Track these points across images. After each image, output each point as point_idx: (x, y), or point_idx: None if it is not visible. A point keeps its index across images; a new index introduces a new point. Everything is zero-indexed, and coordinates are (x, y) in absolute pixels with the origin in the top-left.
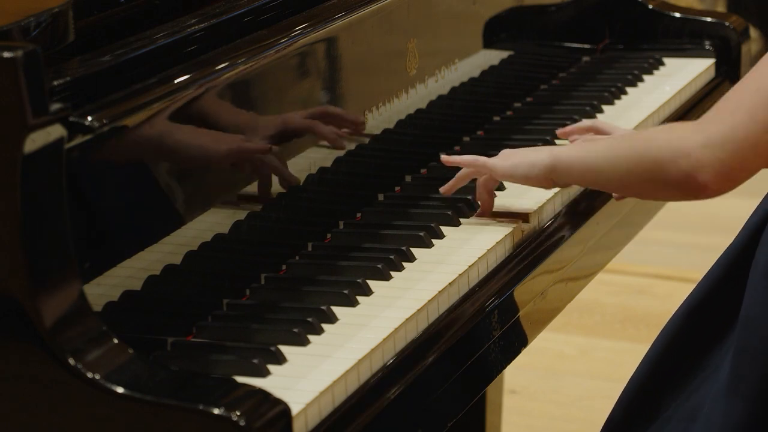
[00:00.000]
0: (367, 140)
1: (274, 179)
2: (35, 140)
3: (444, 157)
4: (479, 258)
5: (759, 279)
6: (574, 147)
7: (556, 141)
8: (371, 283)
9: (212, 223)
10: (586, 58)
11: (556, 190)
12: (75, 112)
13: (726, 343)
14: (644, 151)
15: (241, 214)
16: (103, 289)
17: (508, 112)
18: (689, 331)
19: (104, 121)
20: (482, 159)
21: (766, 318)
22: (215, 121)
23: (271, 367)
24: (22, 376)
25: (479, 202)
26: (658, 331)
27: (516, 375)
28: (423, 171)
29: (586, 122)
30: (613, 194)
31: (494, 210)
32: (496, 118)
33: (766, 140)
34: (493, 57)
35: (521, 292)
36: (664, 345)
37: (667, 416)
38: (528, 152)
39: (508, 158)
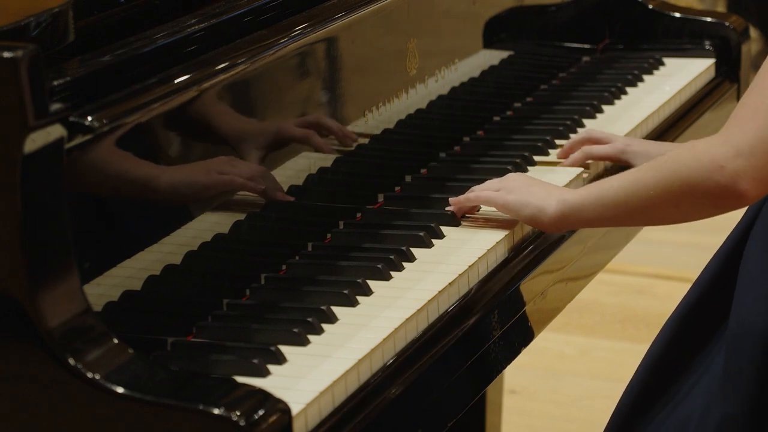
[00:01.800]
0: (367, 140)
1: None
2: (35, 140)
3: (452, 200)
4: (479, 258)
5: (748, 279)
6: (584, 190)
7: (556, 141)
8: (371, 283)
9: (212, 223)
10: (586, 58)
11: (563, 183)
12: (75, 112)
13: (718, 344)
14: (672, 174)
15: (241, 214)
16: (103, 289)
17: (508, 112)
18: (684, 334)
19: (104, 121)
20: (485, 195)
21: (756, 319)
22: (215, 121)
23: (271, 367)
24: (22, 376)
25: (452, 207)
26: (658, 331)
27: (516, 375)
28: (423, 171)
29: (581, 133)
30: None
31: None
32: (496, 118)
33: None
34: (493, 57)
35: (521, 292)
36: (661, 348)
37: (664, 416)
38: (535, 192)
39: (513, 192)
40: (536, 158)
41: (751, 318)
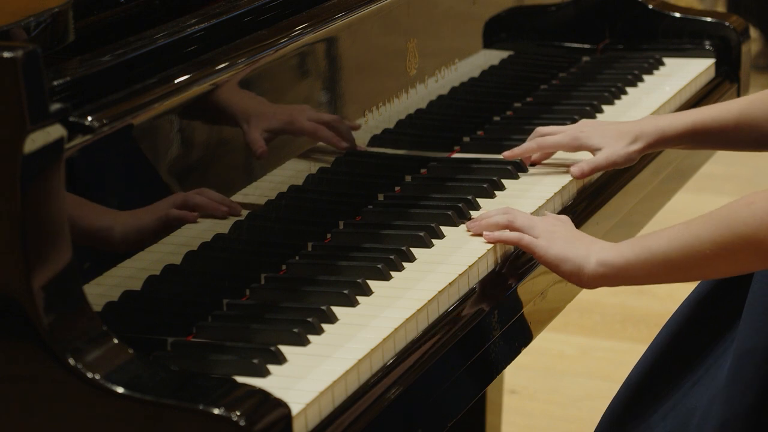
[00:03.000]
0: (367, 140)
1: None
2: (35, 140)
3: (487, 237)
4: (479, 258)
5: (762, 281)
6: (627, 248)
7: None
8: (371, 283)
9: (212, 222)
10: (586, 58)
11: (556, 189)
12: (75, 112)
13: (723, 344)
14: (730, 232)
15: (241, 214)
16: (103, 289)
17: (508, 112)
18: (688, 332)
19: (104, 121)
20: (527, 240)
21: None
22: (214, 121)
23: (271, 367)
24: (22, 376)
25: (487, 234)
26: (658, 331)
27: (516, 375)
28: (423, 171)
29: (533, 134)
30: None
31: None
32: (496, 118)
33: None
34: (493, 57)
35: (521, 292)
36: (662, 345)
37: (662, 413)
38: (576, 246)
39: (554, 241)
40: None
41: (762, 330)
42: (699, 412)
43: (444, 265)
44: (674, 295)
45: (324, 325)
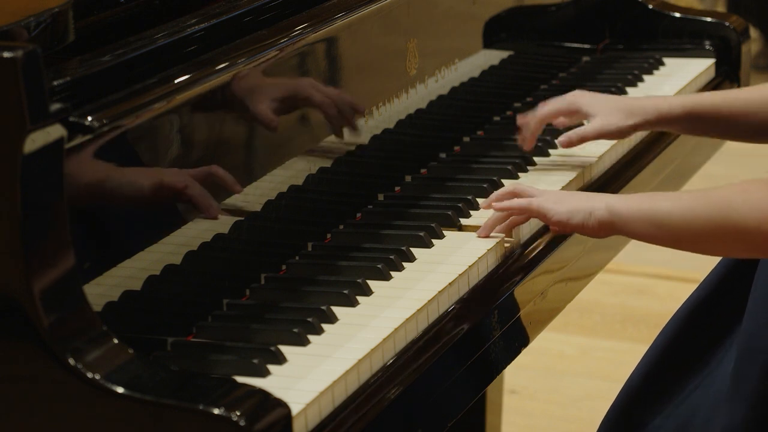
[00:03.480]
0: (367, 140)
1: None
2: (35, 140)
3: (495, 205)
4: (479, 258)
5: (762, 295)
6: (634, 199)
7: (557, 141)
8: (371, 283)
9: (212, 223)
10: (586, 58)
11: (561, 185)
12: (75, 112)
13: (725, 346)
14: (724, 218)
15: (241, 215)
16: (103, 289)
17: (508, 112)
18: (689, 333)
19: (104, 121)
20: (536, 203)
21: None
22: (214, 121)
23: (271, 367)
24: (22, 376)
25: (495, 203)
26: (658, 332)
27: (516, 375)
28: (423, 171)
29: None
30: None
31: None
32: (496, 118)
33: None
34: (493, 57)
35: (521, 292)
36: (663, 346)
37: (666, 414)
38: (582, 199)
39: (562, 203)
40: (536, 159)
41: (763, 335)
42: (701, 415)
43: (444, 265)
44: (674, 295)
45: (324, 325)
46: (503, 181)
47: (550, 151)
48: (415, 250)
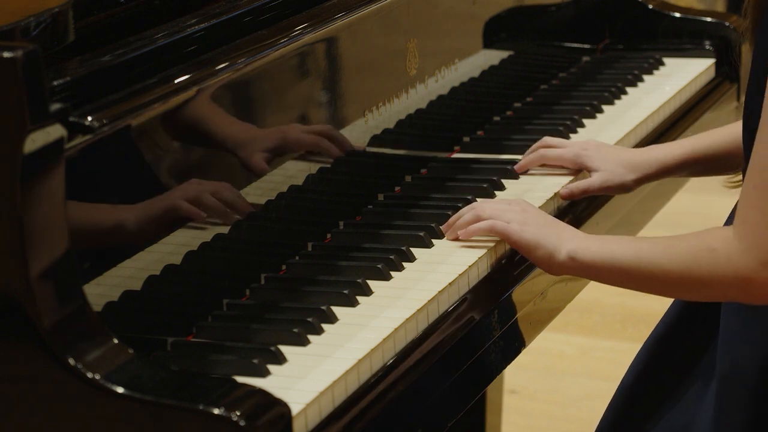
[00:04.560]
0: (367, 140)
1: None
2: (35, 140)
3: (461, 234)
4: (479, 258)
5: (733, 310)
6: (596, 245)
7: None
8: (371, 283)
9: (213, 223)
10: (586, 58)
11: (556, 189)
12: (75, 112)
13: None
14: (688, 271)
15: (241, 215)
16: (103, 289)
17: (508, 112)
18: (675, 335)
19: (104, 121)
20: (499, 225)
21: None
22: (214, 121)
23: (271, 367)
24: (22, 376)
25: (460, 232)
26: (648, 335)
27: (516, 375)
28: (423, 171)
29: (538, 142)
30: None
31: None
32: (496, 118)
33: None
34: (493, 57)
35: (521, 292)
36: (652, 348)
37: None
38: (548, 233)
39: (526, 226)
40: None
41: (736, 365)
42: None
43: (444, 265)
44: None
45: (324, 325)
46: (503, 181)
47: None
48: (415, 250)
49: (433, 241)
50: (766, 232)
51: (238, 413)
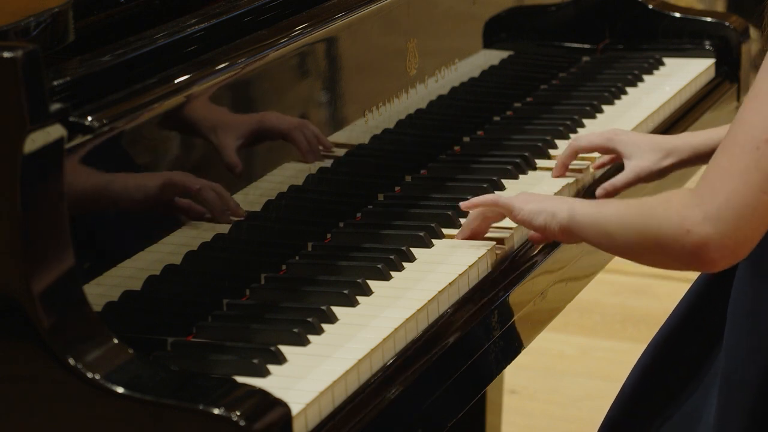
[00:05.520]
0: (367, 140)
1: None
2: (35, 140)
3: (463, 204)
4: (479, 258)
5: (736, 329)
6: (591, 205)
7: (557, 141)
8: (371, 283)
9: (212, 222)
10: (586, 58)
11: (556, 189)
12: (75, 112)
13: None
14: (644, 227)
15: (241, 214)
16: (103, 289)
17: (508, 112)
18: (680, 337)
19: (104, 121)
20: (503, 199)
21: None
22: (214, 121)
23: (271, 367)
24: (22, 376)
25: (469, 230)
26: (653, 336)
27: (516, 375)
28: (423, 171)
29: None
30: None
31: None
32: (496, 118)
33: (764, 201)
34: (493, 57)
35: (521, 293)
36: (656, 350)
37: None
38: (548, 201)
39: (528, 202)
40: (536, 160)
41: (741, 370)
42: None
43: (444, 265)
44: (674, 295)
45: (324, 325)
46: (503, 181)
47: (551, 152)
48: (415, 250)
49: (433, 241)
50: (717, 185)
51: (238, 413)
